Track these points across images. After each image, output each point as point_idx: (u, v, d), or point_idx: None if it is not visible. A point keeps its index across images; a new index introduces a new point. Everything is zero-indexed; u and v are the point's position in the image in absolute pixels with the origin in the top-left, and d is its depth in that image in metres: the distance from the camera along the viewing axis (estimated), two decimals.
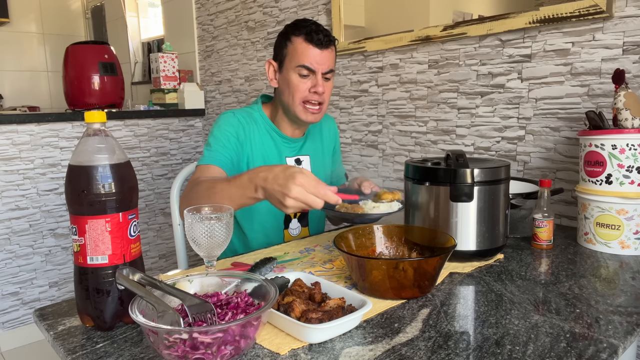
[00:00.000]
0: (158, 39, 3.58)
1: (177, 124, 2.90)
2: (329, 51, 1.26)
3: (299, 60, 1.24)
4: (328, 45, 1.25)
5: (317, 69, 1.24)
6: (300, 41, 1.25)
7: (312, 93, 1.26)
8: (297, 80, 1.25)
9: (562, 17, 1.36)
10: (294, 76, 1.25)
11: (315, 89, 1.25)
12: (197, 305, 0.64)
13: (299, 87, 1.25)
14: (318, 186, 0.86)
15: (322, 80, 1.25)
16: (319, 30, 1.24)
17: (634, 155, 1.06)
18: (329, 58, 1.26)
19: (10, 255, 2.38)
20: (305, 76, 1.25)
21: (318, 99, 1.27)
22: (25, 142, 2.36)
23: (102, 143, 0.74)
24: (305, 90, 1.25)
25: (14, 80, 4.02)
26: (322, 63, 1.25)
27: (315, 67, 1.24)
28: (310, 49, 1.23)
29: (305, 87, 1.25)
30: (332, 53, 1.28)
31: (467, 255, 1.03)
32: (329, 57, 1.26)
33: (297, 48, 1.25)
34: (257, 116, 1.36)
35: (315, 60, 1.24)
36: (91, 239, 0.73)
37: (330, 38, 1.26)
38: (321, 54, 1.24)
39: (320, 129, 1.47)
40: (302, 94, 1.26)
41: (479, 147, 1.64)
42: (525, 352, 0.66)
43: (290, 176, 0.87)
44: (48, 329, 0.76)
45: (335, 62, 1.33)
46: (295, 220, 1.41)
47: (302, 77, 1.25)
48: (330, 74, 1.28)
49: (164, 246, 2.93)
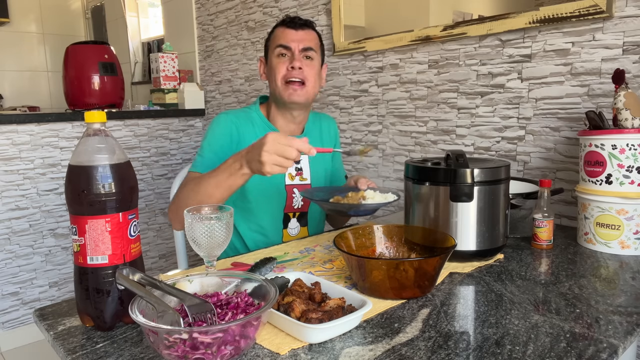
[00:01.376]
0: (158, 39, 3.58)
1: (177, 124, 2.90)
2: (304, 32, 1.32)
3: (276, 42, 1.32)
4: (302, 26, 1.32)
5: (293, 46, 1.30)
6: (278, 28, 1.35)
7: (290, 70, 1.30)
8: (276, 61, 1.32)
9: (562, 17, 1.36)
10: (274, 59, 1.32)
11: (292, 64, 1.29)
12: (197, 305, 0.64)
13: (278, 67, 1.31)
14: (288, 137, 0.95)
15: (299, 57, 1.30)
16: (295, 16, 1.33)
17: (634, 155, 1.06)
18: (305, 37, 1.32)
19: (10, 255, 2.38)
20: (283, 55, 1.31)
21: (297, 75, 1.29)
22: (25, 142, 2.36)
23: (102, 143, 0.74)
24: (284, 68, 1.30)
25: (14, 80, 4.02)
26: (297, 40, 1.31)
27: (290, 44, 1.30)
28: (286, 30, 1.32)
29: (284, 66, 1.31)
30: (310, 34, 1.33)
31: (467, 255, 1.03)
32: (305, 37, 1.32)
33: (275, 34, 1.34)
34: (254, 115, 1.38)
35: (290, 38, 1.31)
36: (91, 239, 0.73)
37: (306, 22, 1.33)
38: (296, 33, 1.31)
39: (319, 128, 1.48)
40: (281, 73, 1.31)
41: (479, 147, 1.64)
42: (525, 352, 0.66)
43: (262, 138, 0.96)
44: (48, 329, 0.76)
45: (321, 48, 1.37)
46: (295, 220, 1.41)
47: (280, 57, 1.31)
48: (310, 52, 1.32)
49: (164, 246, 2.93)
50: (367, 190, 1.20)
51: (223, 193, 1.08)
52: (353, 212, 1.15)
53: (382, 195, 1.16)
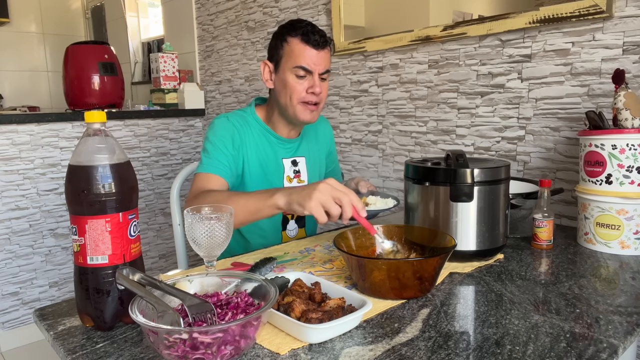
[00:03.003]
0: (158, 39, 3.58)
1: (177, 124, 2.90)
2: (325, 52, 1.26)
3: (296, 61, 1.24)
4: (324, 46, 1.26)
5: (314, 70, 1.25)
6: (296, 42, 1.24)
7: (310, 94, 1.26)
8: (294, 81, 1.25)
9: (562, 17, 1.36)
10: (290, 77, 1.26)
11: (312, 89, 1.25)
12: (197, 305, 0.64)
13: (297, 88, 1.25)
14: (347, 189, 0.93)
15: (318, 81, 1.26)
16: (315, 31, 1.25)
17: (634, 155, 1.06)
18: (325, 59, 1.27)
19: (10, 255, 2.38)
20: (302, 77, 1.25)
21: (315, 100, 1.27)
22: (25, 142, 2.36)
23: (102, 143, 0.74)
24: (303, 90, 1.26)
25: (14, 80, 4.02)
26: (318, 64, 1.25)
27: (312, 67, 1.24)
28: (307, 49, 1.24)
29: (303, 88, 1.26)
30: (328, 54, 1.29)
31: (467, 255, 1.03)
32: (325, 58, 1.27)
33: (293, 49, 1.25)
34: (250, 119, 1.36)
35: (312, 61, 1.24)
36: (91, 239, 0.73)
37: (326, 39, 1.27)
38: (318, 55, 1.24)
39: (315, 130, 1.48)
40: (299, 94, 1.26)
41: (479, 147, 1.64)
42: (525, 352, 0.66)
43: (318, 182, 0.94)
44: (48, 329, 0.76)
45: (331, 62, 1.33)
46: (293, 221, 1.41)
47: (299, 78, 1.25)
48: (326, 74, 1.28)
49: (164, 246, 2.93)
50: (369, 196, 1.21)
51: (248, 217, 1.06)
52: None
53: (383, 201, 1.20)
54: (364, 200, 1.18)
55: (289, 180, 1.38)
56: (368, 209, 1.14)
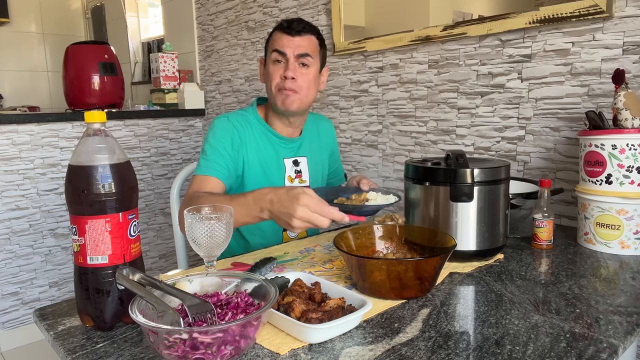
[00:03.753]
0: (158, 39, 3.58)
1: (177, 124, 2.90)
2: (302, 38, 1.28)
3: (272, 46, 1.30)
4: (300, 32, 1.28)
5: (288, 53, 1.27)
6: (276, 32, 1.31)
7: (283, 79, 1.28)
8: (272, 67, 1.30)
9: (562, 17, 1.36)
10: (270, 64, 1.30)
11: (285, 73, 1.27)
12: (197, 305, 0.64)
13: (273, 74, 1.29)
14: (322, 205, 0.90)
15: (294, 65, 1.27)
16: (294, 20, 1.29)
17: (634, 155, 1.06)
18: (302, 43, 1.28)
19: (10, 255, 2.38)
20: (279, 62, 1.29)
21: (290, 85, 1.27)
22: (25, 142, 2.36)
23: (102, 143, 0.74)
24: (278, 76, 1.28)
25: (14, 80, 4.02)
26: (293, 47, 1.27)
27: (285, 50, 1.27)
28: (283, 35, 1.29)
29: (279, 73, 1.29)
30: (307, 40, 1.29)
31: (467, 255, 1.03)
32: (301, 42, 1.28)
33: (273, 38, 1.31)
34: (251, 119, 1.36)
35: (286, 43, 1.27)
36: (91, 239, 0.73)
37: (305, 26, 1.29)
38: (293, 39, 1.28)
39: (317, 130, 1.47)
40: (275, 80, 1.29)
41: (479, 147, 1.64)
42: (525, 352, 0.66)
43: (294, 197, 0.90)
44: (48, 329, 0.76)
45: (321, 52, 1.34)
46: None
47: (276, 63, 1.29)
48: (306, 58, 1.28)
49: (164, 246, 2.93)
50: (370, 192, 1.21)
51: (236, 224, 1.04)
52: (356, 213, 1.16)
53: (384, 197, 1.20)
54: (364, 197, 1.19)
55: (290, 181, 1.38)
56: (369, 204, 1.15)
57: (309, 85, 1.30)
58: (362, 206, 1.12)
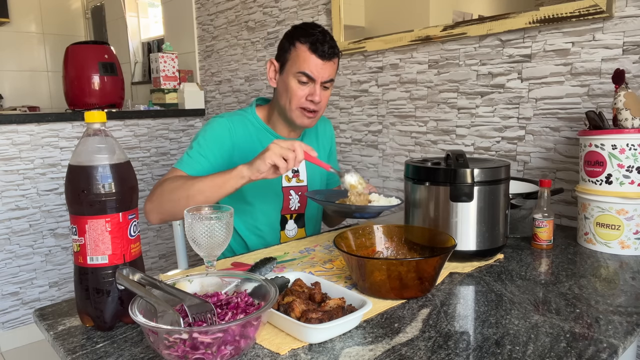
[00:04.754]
0: (158, 39, 3.58)
1: (177, 124, 2.90)
2: (331, 63, 1.26)
3: (300, 67, 1.24)
4: (331, 57, 1.25)
5: (317, 78, 1.25)
6: (304, 49, 1.24)
7: (309, 101, 1.26)
8: (295, 86, 1.25)
9: (562, 17, 1.36)
10: (293, 81, 1.26)
11: (312, 97, 1.25)
12: (197, 305, 0.64)
13: (297, 93, 1.26)
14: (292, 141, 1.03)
15: (320, 90, 1.26)
16: (325, 41, 1.24)
17: (634, 155, 1.06)
18: (331, 69, 1.27)
19: (10, 255, 2.38)
20: (304, 83, 1.25)
21: (314, 107, 1.27)
22: (25, 142, 2.35)
23: (102, 143, 0.74)
24: (303, 97, 1.26)
25: (14, 80, 4.02)
26: (322, 73, 1.25)
27: (315, 75, 1.24)
28: (313, 58, 1.23)
29: (303, 94, 1.26)
30: (335, 64, 1.28)
31: (467, 255, 1.03)
32: (330, 68, 1.26)
33: (300, 55, 1.24)
34: (250, 119, 1.36)
35: (317, 70, 1.24)
36: (91, 239, 0.73)
37: (335, 50, 1.26)
38: (323, 65, 1.24)
39: (315, 130, 1.48)
40: (299, 100, 1.26)
41: (479, 147, 1.64)
42: (525, 352, 0.66)
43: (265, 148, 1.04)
44: (48, 329, 0.76)
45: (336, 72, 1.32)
46: (292, 221, 1.41)
47: (300, 84, 1.25)
48: (330, 83, 1.28)
49: (164, 246, 2.93)
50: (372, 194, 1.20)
51: (214, 192, 1.09)
52: (359, 214, 1.15)
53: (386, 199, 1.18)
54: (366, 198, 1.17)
55: (287, 180, 1.38)
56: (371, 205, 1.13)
57: (327, 102, 1.31)
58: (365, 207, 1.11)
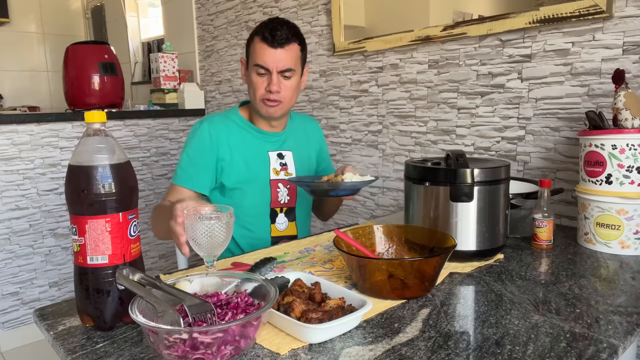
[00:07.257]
0: (158, 39, 3.58)
1: (177, 124, 2.90)
2: (285, 50, 1.27)
3: (255, 59, 1.29)
4: (283, 44, 1.27)
5: (271, 68, 1.27)
6: (257, 40, 1.28)
7: (268, 92, 1.29)
8: (255, 79, 1.30)
9: (562, 17, 1.36)
10: (253, 74, 1.30)
11: (269, 87, 1.28)
12: (197, 305, 0.64)
13: (257, 85, 1.30)
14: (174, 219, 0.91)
15: (277, 79, 1.28)
16: (276, 30, 1.26)
17: (634, 155, 1.06)
18: (286, 57, 1.27)
19: (10, 255, 2.38)
20: (262, 75, 1.29)
21: (274, 97, 1.29)
22: (25, 142, 2.35)
23: (102, 143, 0.74)
24: (262, 88, 1.30)
25: (14, 80, 4.02)
26: (275, 62, 1.27)
27: (269, 65, 1.27)
28: (265, 48, 1.27)
29: (262, 86, 1.29)
30: (289, 52, 1.28)
31: (467, 255, 1.03)
32: (285, 56, 1.27)
33: (255, 47, 1.29)
34: (233, 118, 1.40)
35: (269, 59, 1.27)
36: (91, 239, 0.73)
37: (288, 37, 1.27)
38: (275, 53, 1.26)
39: (304, 129, 1.50)
40: (260, 92, 1.30)
41: (479, 147, 1.64)
42: (525, 352, 0.66)
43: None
44: (48, 329, 0.76)
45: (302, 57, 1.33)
46: (282, 215, 1.42)
47: (259, 76, 1.29)
48: (289, 72, 1.29)
49: (164, 246, 2.93)
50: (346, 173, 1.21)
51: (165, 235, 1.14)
52: (333, 192, 1.17)
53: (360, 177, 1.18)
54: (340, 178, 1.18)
55: (275, 173, 1.39)
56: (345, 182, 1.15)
57: (291, 93, 1.33)
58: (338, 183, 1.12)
